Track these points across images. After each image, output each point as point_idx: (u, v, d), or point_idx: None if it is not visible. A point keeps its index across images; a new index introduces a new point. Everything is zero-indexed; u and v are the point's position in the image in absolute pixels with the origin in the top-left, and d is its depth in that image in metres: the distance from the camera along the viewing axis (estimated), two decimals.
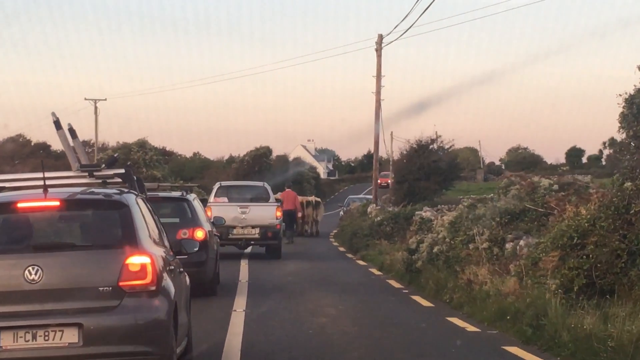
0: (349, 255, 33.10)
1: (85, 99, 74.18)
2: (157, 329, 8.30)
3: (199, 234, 17.83)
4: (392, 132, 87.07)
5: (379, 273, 25.43)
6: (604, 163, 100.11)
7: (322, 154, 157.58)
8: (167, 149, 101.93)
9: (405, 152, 45.50)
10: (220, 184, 32.04)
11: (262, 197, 29.88)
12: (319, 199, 46.97)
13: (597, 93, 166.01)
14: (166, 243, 10.13)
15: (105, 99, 74.68)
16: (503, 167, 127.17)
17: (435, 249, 20.61)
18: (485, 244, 18.14)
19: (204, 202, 26.06)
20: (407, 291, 20.79)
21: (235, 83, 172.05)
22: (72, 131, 10.48)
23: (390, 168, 51.47)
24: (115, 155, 11.78)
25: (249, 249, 31.51)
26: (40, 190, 8.85)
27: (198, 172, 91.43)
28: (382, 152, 55.13)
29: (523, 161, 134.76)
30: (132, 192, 9.47)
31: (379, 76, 49.29)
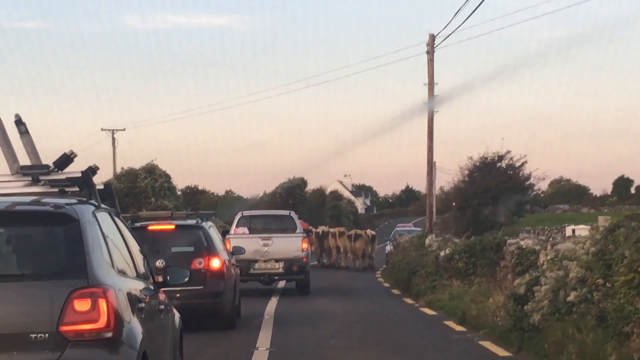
0: (407, 300, 25.11)
1: (102, 129, 67.21)
2: None
3: (215, 264, 17.19)
4: (434, 162, 76.06)
5: (461, 329, 17.43)
6: None
7: (359, 189, 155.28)
8: (199, 187, 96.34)
9: (467, 172, 37.40)
10: (242, 213, 29.48)
11: (287, 228, 28.03)
12: (374, 232, 44.35)
13: None
14: (142, 271, 8.22)
15: (124, 129, 67.62)
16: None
17: (572, 296, 12.55)
18: None
19: (225, 234, 24.83)
20: None
21: (267, 119, 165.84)
22: (19, 123, 8.46)
23: (429, 202, 42.82)
24: (68, 152, 7.98)
25: (282, 284, 29.60)
26: None
27: (230, 210, 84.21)
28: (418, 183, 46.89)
29: (568, 193, 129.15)
30: (91, 203, 7.40)
31: (431, 83, 41.77)
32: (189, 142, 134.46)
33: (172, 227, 17.52)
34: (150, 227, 17.45)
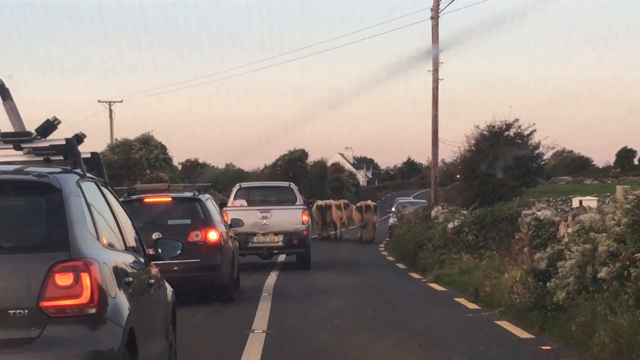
0: (414, 275, 23.84)
1: (99, 101, 65.70)
2: None
3: (212, 236, 16.91)
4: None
5: (474, 306, 16.18)
6: None
7: (361, 162, 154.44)
8: (199, 160, 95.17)
9: (473, 142, 35.94)
10: (240, 185, 28.70)
11: (287, 199, 27.13)
12: (375, 204, 43.58)
13: None
14: (131, 244, 7.79)
15: (121, 101, 66.10)
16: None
17: (603, 272, 11.24)
18: None
19: (223, 206, 24.62)
20: (548, 348, 11.60)
21: (267, 90, 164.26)
22: (2, 89, 8.18)
23: (433, 173, 41.56)
24: (51, 119, 7.51)
25: (282, 258, 28.76)
26: None
27: (231, 184, 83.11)
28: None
29: (571, 164, 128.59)
30: (75, 172, 6.96)
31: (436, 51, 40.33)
32: (189, 115, 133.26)
33: (169, 199, 17.41)
34: (147, 200, 17.33)
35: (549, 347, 11.65)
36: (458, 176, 74.36)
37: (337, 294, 19.00)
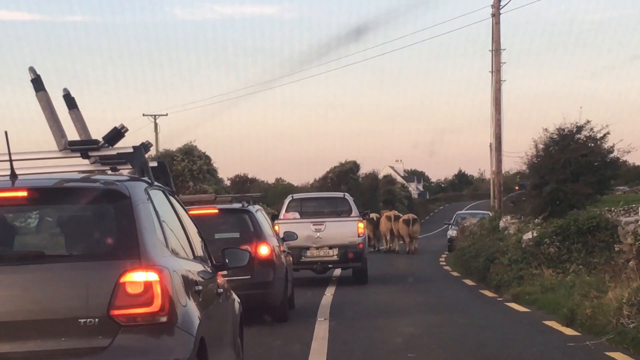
0: (486, 293, 21.18)
1: (144, 114, 63.63)
2: None
3: (264, 251, 15.67)
4: (490, 144, 69.43)
5: (573, 332, 13.58)
6: None
7: (411, 174, 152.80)
8: (249, 175, 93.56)
9: (542, 146, 33.07)
10: (292, 196, 27.13)
11: (342, 211, 25.64)
12: (415, 216, 44.06)
13: None
14: (198, 254, 7.69)
15: (166, 114, 64.00)
16: None
17: None
18: None
19: (275, 219, 23.74)
20: None
21: (316, 104, 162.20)
22: (68, 98, 8.05)
23: (497, 181, 39.17)
24: (119, 126, 7.44)
25: (337, 272, 27.46)
26: (7, 177, 6.65)
27: (281, 198, 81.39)
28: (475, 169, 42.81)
29: (627, 174, 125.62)
30: (143, 180, 6.97)
31: (497, 49, 37.81)
32: (237, 129, 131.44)
33: (216, 211, 16.20)
34: (191, 212, 15.32)
35: None
36: (517, 188, 71.49)
37: (404, 316, 16.45)
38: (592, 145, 32.62)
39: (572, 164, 31.77)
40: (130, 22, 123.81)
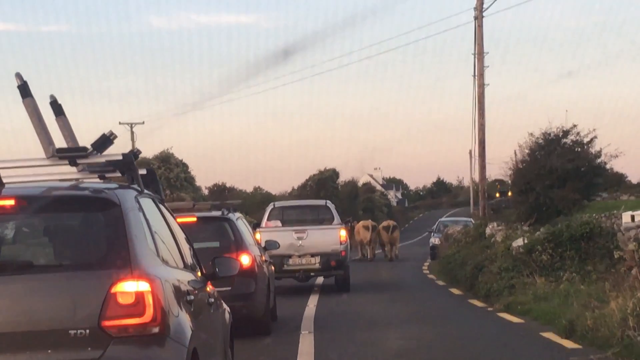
0: (475, 303, 20.39)
1: (120, 122, 62.54)
2: None
3: (245, 260, 15.00)
4: (470, 151, 68.26)
5: (574, 345, 12.82)
6: None
7: (390, 182, 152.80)
8: (227, 184, 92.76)
9: (527, 151, 32.34)
10: (274, 204, 27.00)
11: (324, 219, 25.51)
12: (394, 222, 45.40)
13: None
14: (189, 262, 7.68)
15: (143, 122, 62.96)
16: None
17: None
18: None
19: (256, 227, 23.57)
20: None
21: (293, 111, 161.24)
22: (55, 105, 7.88)
23: (481, 187, 38.72)
24: (107, 133, 7.34)
25: (319, 280, 27.34)
26: None
27: (259, 207, 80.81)
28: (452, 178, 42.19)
29: (605, 181, 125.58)
30: (133, 187, 6.94)
31: (480, 53, 37.21)
32: (214, 139, 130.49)
33: (194, 219, 15.41)
34: None
35: None
36: (497, 195, 70.87)
37: (393, 328, 15.67)
38: (579, 150, 31.91)
39: (559, 169, 31.03)
40: (106, 31, 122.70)
